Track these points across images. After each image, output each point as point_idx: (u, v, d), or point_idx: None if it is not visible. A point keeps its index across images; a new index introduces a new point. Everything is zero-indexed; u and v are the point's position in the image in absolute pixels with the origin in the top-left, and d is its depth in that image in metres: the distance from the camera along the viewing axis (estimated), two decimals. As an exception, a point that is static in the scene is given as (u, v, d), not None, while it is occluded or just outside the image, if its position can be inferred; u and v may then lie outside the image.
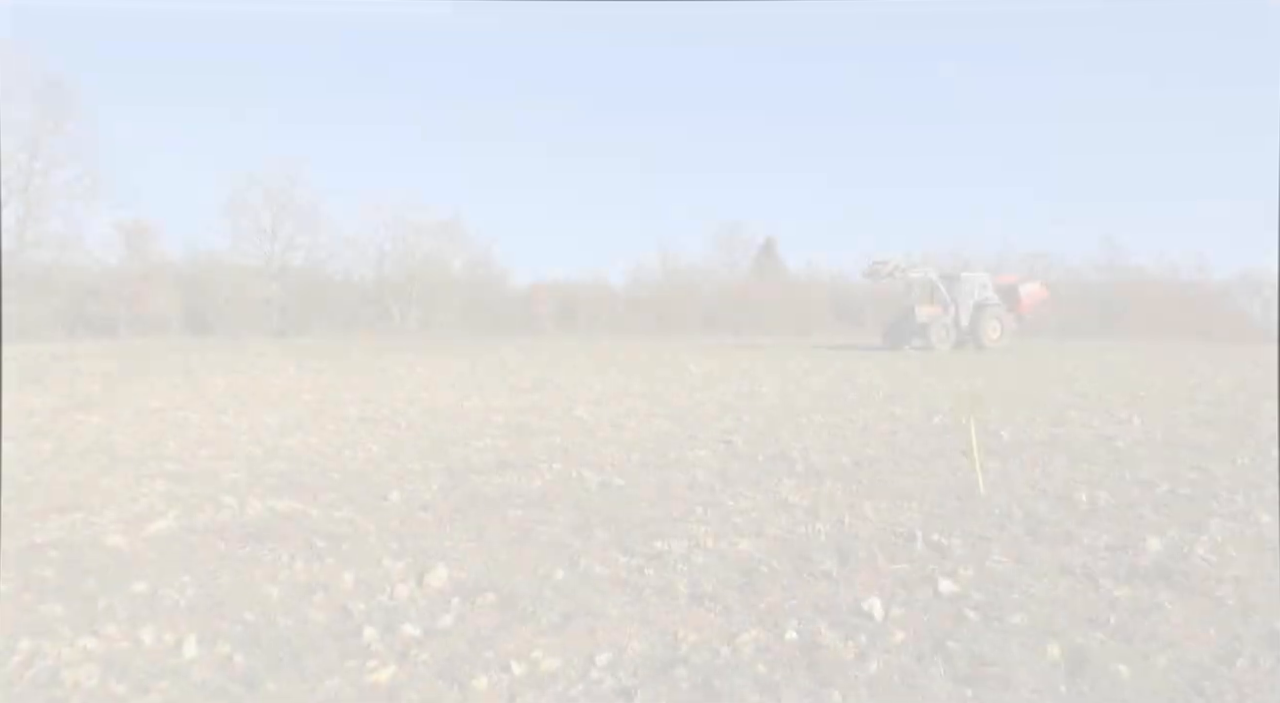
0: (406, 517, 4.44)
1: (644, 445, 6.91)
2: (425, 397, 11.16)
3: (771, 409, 9.57)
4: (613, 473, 5.64)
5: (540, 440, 7.18)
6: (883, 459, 6.14)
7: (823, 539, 3.84)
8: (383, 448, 6.84)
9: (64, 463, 6.08)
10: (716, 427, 8.05)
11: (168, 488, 5.20)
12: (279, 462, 6.18)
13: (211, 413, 9.12)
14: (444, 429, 7.94)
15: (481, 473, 5.69)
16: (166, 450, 6.63)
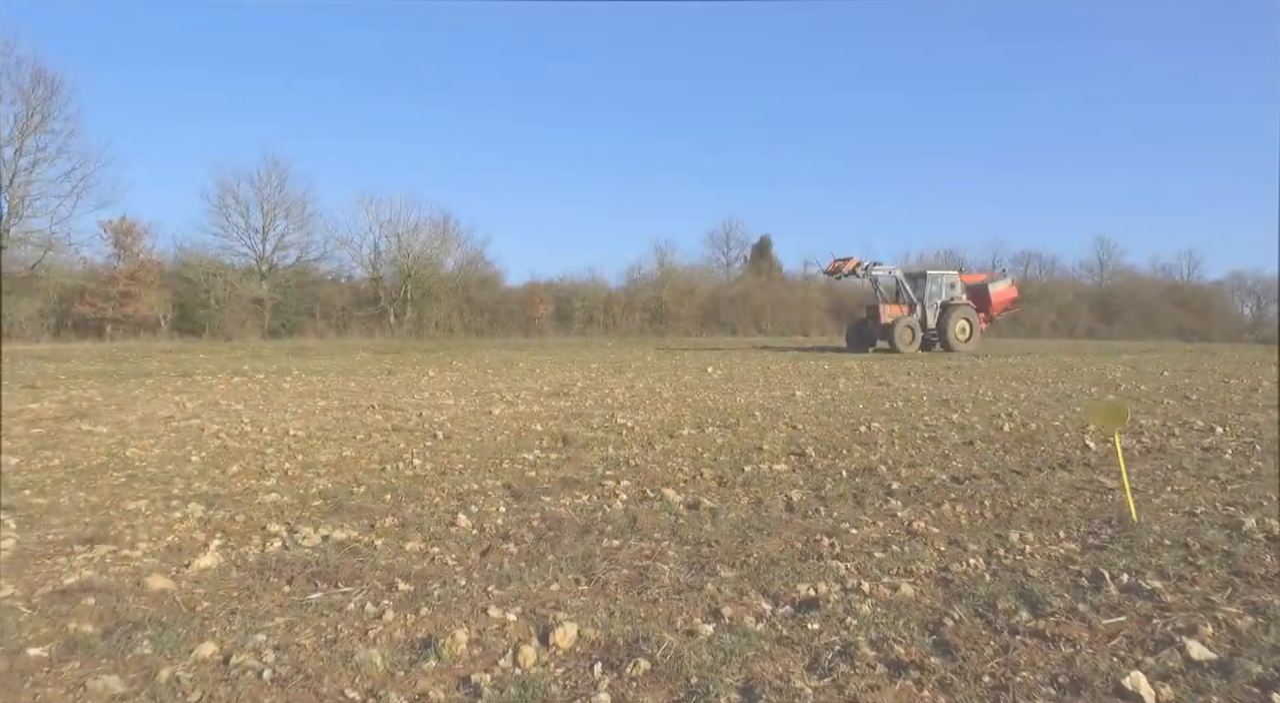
0: (489, 549, 3.87)
1: (710, 459, 6.36)
2: (449, 403, 10.57)
3: (820, 416, 9.04)
4: (693, 492, 5.09)
5: (595, 453, 6.62)
6: (981, 475, 5.61)
7: (989, 579, 3.30)
8: (426, 461, 6.26)
9: (79, 482, 5.47)
10: (775, 437, 7.51)
11: (203, 513, 4.61)
12: (319, 479, 5.59)
13: (228, 421, 8.51)
14: (484, 440, 7.36)
15: (549, 492, 5.13)
16: (190, 467, 6.02)
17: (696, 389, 12.76)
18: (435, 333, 45.68)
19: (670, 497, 4.84)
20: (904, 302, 27.34)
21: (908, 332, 25.96)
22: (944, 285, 27.72)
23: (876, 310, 27.10)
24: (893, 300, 27.74)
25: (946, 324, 26.49)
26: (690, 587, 3.24)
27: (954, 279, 28.31)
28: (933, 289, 27.40)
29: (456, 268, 50.36)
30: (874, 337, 26.81)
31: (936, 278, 27.89)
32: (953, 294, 27.55)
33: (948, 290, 27.63)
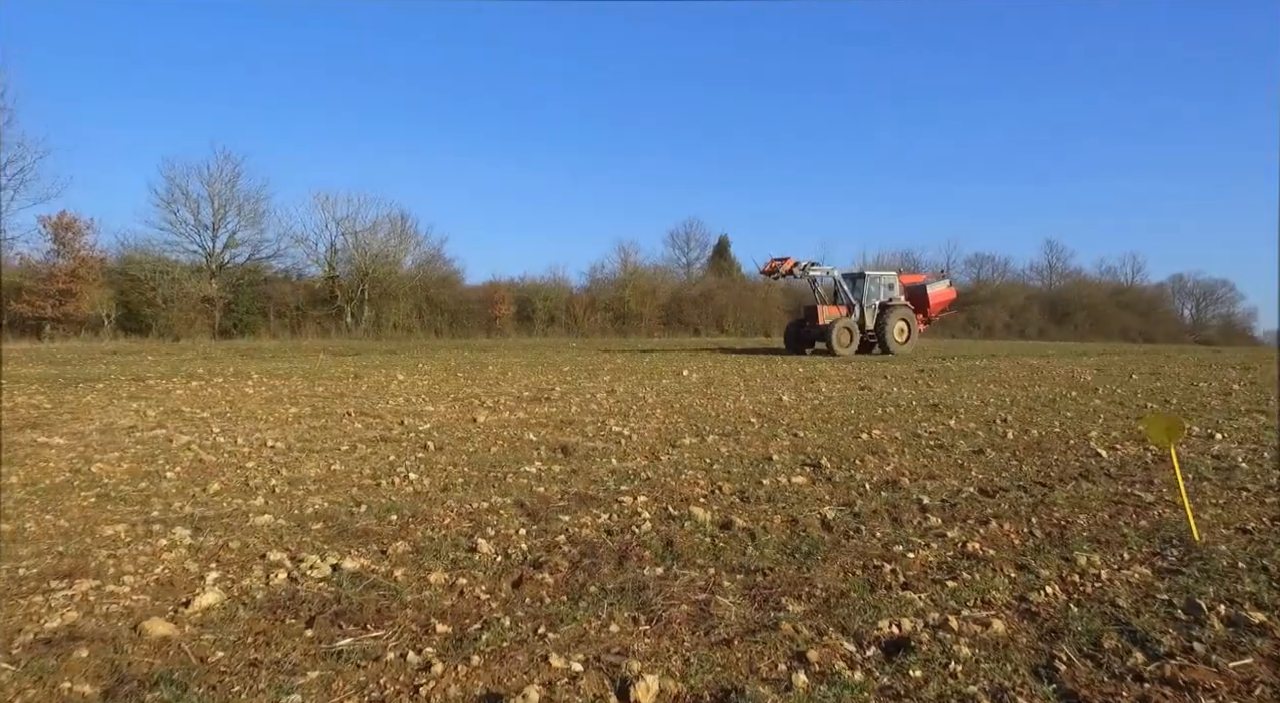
0: (524, 580, 3.54)
1: (723, 470, 6.09)
2: (430, 409, 10.13)
3: (817, 422, 8.85)
4: (719, 508, 4.82)
5: (599, 465, 6.30)
6: (1007, 487, 5.44)
7: (1076, 610, 3.09)
8: (423, 475, 5.87)
9: (43, 503, 4.96)
10: (780, 444, 7.28)
11: (191, 539, 4.18)
12: (312, 497, 5.18)
13: (197, 431, 7.97)
14: (478, 450, 6.99)
15: (566, 510, 4.80)
16: (166, 484, 5.54)
17: (679, 393, 12.50)
18: (393, 333, 44.70)
19: (699, 515, 4.55)
20: (842, 303, 27.17)
21: (845, 333, 25.72)
22: (882, 287, 27.51)
23: (814, 312, 26.75)
24: (831, 302, 27.59)
25: (885, 326, 26.26)
26: (762, 625, 2.96)
27: (892, 280, 28.10)
28: (871, 290, 27.18)
29: (415, 267, 49.43)
30: (812, 338, 26.61)
31: (875, 279, 27.65)
32: (891, 296, 27.37)
33: (886, 292, 27.44)
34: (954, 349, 34.94)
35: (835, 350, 25.14)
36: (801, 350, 26.71)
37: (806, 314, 27.53)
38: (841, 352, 25.15)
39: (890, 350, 26.08)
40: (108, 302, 39.38)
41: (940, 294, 29.01)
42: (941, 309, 30.03)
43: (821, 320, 26.25)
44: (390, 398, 11.59)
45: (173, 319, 40.17)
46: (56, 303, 38.17)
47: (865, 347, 26.72)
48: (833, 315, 26.30)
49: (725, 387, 13.75)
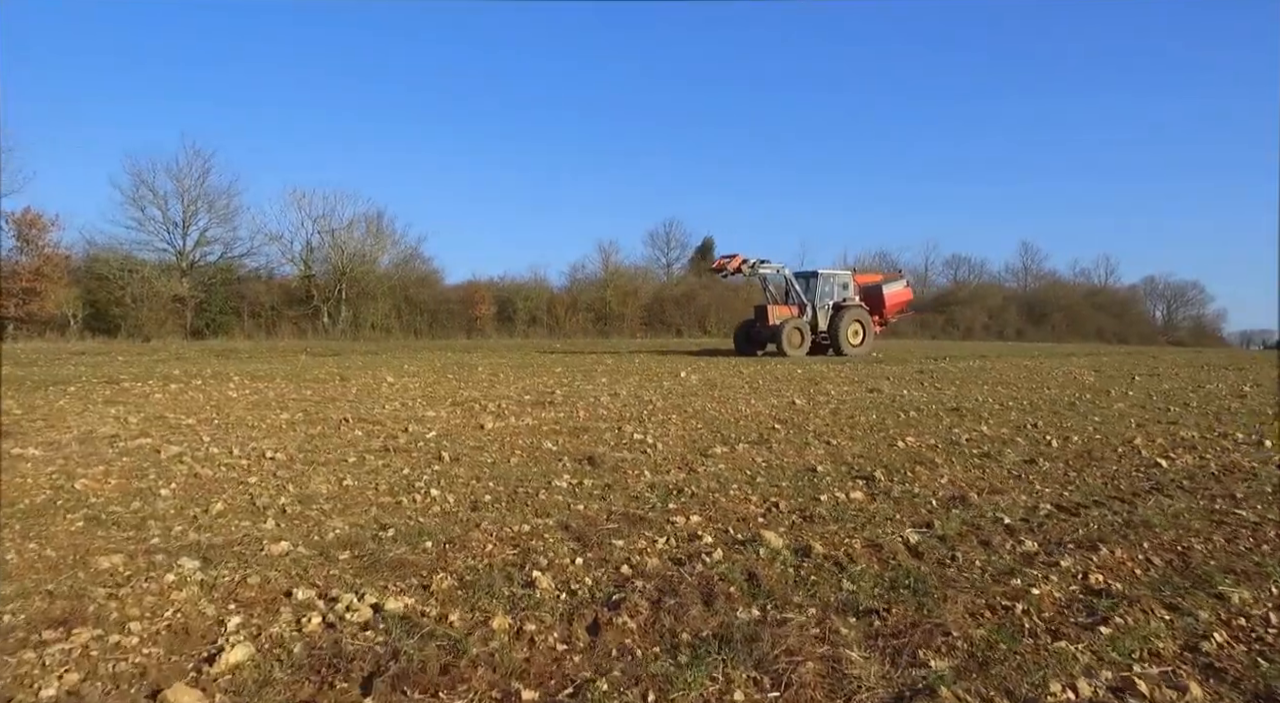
0: (601, 624, 3.06)
1: (770, 485, 5.64)
2: (431, 414, 9.57)
3: (844, 428, 8.44)
4: (789, 532, 4.37)
5: (634, 479, 5.83)
6: (1085, 504, 5.05)
7: (1264, 665, 2.67)
8: (445, 492, 5.36)
9: (25, 528, 4.39)
10: (817, 454, 6.86)
11: (203, 573, 3.65)
12: (330, 519, 4.65)
13: (186, 441, 7.37)
14: (497, 462, 6.48)
15: (619, 535, 4.32)
16: (162, 504, 4.98)
17: (686, 396, 12.05)
18: (372, 334, 43.78)
19: (771, 541, 4.09)
20: (794, 303, 26.11)
21: (796, 334, 24.74)
22: (836, 286, 26.55)
23: (765, 311, 25.63)
24: (783, 301, 26.57)
25: (838, 327, 25.36)
26: (912, 689, 2.51)
27: (847, 279, 27.08)
28: (824, 289, 26.22)
29: (393, 266, 48.49)
30: (763, 339, 25.51)
31: (828, 278, 26.57)
32: (845, 295, 26.48)
33: (840, 291, 26.53)
34: (940, 350, 34.91)
35: (785, 352, 24.08)
36: (752, 352, 25.60)
37: (757, 314, 26.36)
38: (792, 353, 24.10)
39: (844, 352, 25.16)
40: (74, 300, 38.10)
41: (897, 294, 28.02)
42: (898, 310, 29.02)
43: (772, 320, 25.13)
44: (385, 403, 11.01)
45: (142, 319, 38.96)
46: (20, 302, 36.85)
47: (818, 348, 25.78)
48: (783, 315, 25.24)
49: (729, 390, 13.32)
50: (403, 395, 12.15)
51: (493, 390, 13.00)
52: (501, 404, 10.85)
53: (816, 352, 25.40)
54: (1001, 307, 71.58)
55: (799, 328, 24.82)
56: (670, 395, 12.23)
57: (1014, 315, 71.25)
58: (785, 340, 24.23)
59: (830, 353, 25.35)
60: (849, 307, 25.92)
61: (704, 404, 10.89)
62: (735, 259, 24.84)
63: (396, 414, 9.66)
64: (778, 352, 24.35)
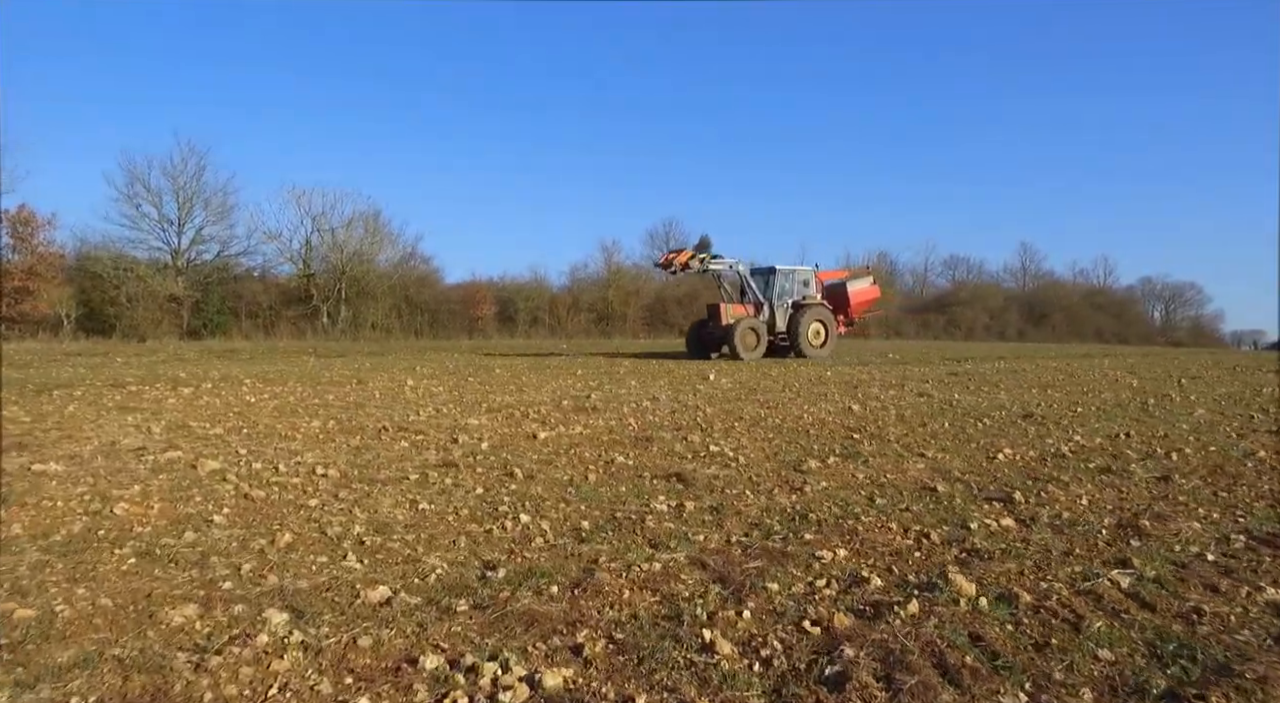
0: (759, 682, 2.43)
1: (895, 508, 5.03)
2: (472, 423, 8.92)
3: (925, 437, 7.86)
4: (960, 571, 3.75)
5: (739, 501, 5.21)
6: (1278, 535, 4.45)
7: None
8: (537, 517, 4.73)
9: (68, 568, 3.73)
10: (920, 469, 6.27)
11: (299, 632, 3.00)
12: (424, 555, 4.00)
13: (222, 454, 6.70)
14: (576, 480, 5.85)
15: (766, 575, 3.70)
16: (219, 535, 4.32)
17: (731, 401, 11.44)
18: (372, 334, 43.02)
19: (961, 586, 3.46)
20: (749, 301, 24.33)
21: (751, 335, 22.97)
22: (796, 283, 24.73)
23: (718, 310, 23.82)
24: (739, 299, 24.81)
25: (798, 327, 23.63)
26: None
27: (808, 276, 25.23)
28: (783, 287, 24.42)
29: (393, 265, 47.69)
30: (715, 340, 23.74)
31: (788, 274, 24.74)
32: (806, 293, 24.75)
33: (800, 288, 24.73)
34: (952, 351, 34.43)
35: (739, 354, 22.42)
36: (706, 354, 24.00)
37: (709, 313, 24.53)
38: (746, 356, 22.43)
39: (804, 354, 23.56)
40: (67, 300, 37.21)
41: (863, 292, 26.18)
42: (864, 309, 27.14)
43: (724, 320, 23.28)
44: (417, 408, 10.35)
45: (138, 318, 38.12)
46: (12, 301, 35.97)
47: (777, 350, 23.97)
48: (738, 314, 23.48)
49: (769, 394, 12.72)
50: (431, 400, 11.50)
51: (523, 395, 12.35)
52: (540, 410, 10.21)
53: (775, 354, 23.75)
54: (1003, 307, 71.27)
55: (753, 328, 23.10)
56: (714, 400, 11.63)
57: (1015, 316, 70.95)
58: (738, 342, 22.49)
59: (791, 355, 23.67)
60: (810, 305, 24.29)
61: (755, 410, 10.28)
62: (683, 254, 23.05)
63: (435, 421, 9.01)
64: (730, 354, 22.75)
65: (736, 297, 24.88)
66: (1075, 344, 57.00)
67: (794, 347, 23.67)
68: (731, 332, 22.62)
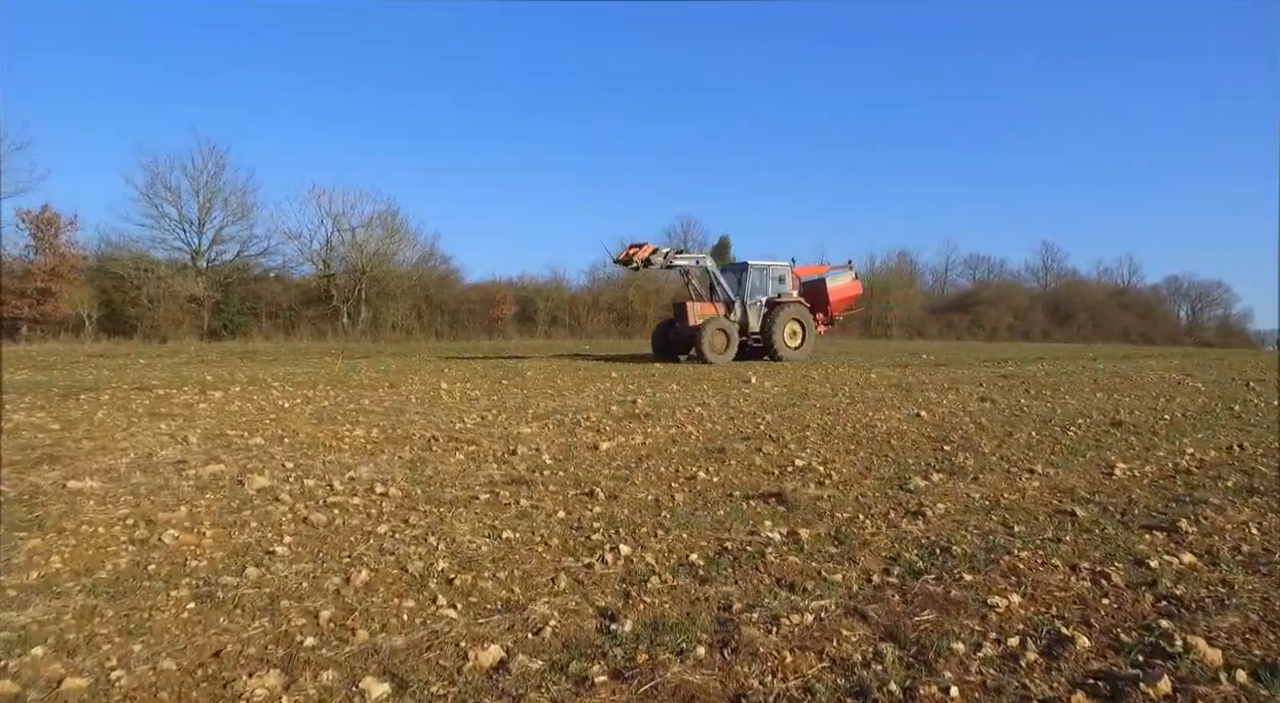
0: None
1: (1043, 539, 4.43)
2: (524, 432, 8.38)
3: (1019, 449, 7.25)
4: (1176, 628, 3.15)
5: (858, 526, 4.62)
6: None
7: None
8: (639, 550, 4.15)
9: (119, 616, 3.20)
10: (1040, 488, 5.65)
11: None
12: (524, 598, 3.44)
13: (268, 468, 6.17)
14: (663, 501, 5.28)
15: (945, 631, 3.10)
16: (284, 570, 3.77)
17: (786, 406, 10.85)
18: (392, 334, 42.62)
19: (1205, 653, 2.84)
20: (719, 299, 22.68)
21: (719, 336, 21.22)
22: (770, 279, 22.96)
23: (685, 309, 22.17)
24: (708, 297, 23.09)
25: (773, 327, 21.96)
26: None
27: (784, 272, 23.36)
28: (756, 284, 22.69)
29: (412, 266, 47.23)
30: (684, 342, 21.99)
31: (761, 270, 22.97)
32: (782, 290, 22.99)
33: (775, 286, 22.97)
34: (982, 352, 33.62)
35: (706, 357, 20.76)
36: (674, 357, 22.46)
37: (676, 312, 22.94)
38: (715, 358, 20.83)
39: (780, 356, 21.99)
40: (89, 301, 37.01)
41: (843, 289, 24.42)
42: (845, 307, 25.43)
43: (691, 320, 21.60)
44: (460, 415, 9.82)
45: (158, 319, 37.89)
46: (34, 302, 35.79)
47: (749, 352, 22.30)
48: (706, 314, 21.83)
49: (822, 398, 12.11)
50: (472, 405, 10.97)
51: (564, 400, 11.80)
52: (590, 417, 9.66)
53: (747, 356, 22.16)
54: (1027, 307, 70.12)
55: (723, 329, 21.35)
56: (767, 405, 11.04)
57: (1039, 316, 69.79)
58: (705, 343, 20.78)
59: (765, 358, 22.16)
60: (786, 303, 22.53)
61: (818, 417, 9.68)
62: (644, 249, 21.14)
63: (485, 430, 8.47)
64: (696, 357, 21.10)
65: (706, 294, 23.31)
66: (1102, 345, 55.93)
67: (768, 348, 22.18)
68: (699, 333, 20.96)
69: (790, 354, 22.24)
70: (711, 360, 20.69)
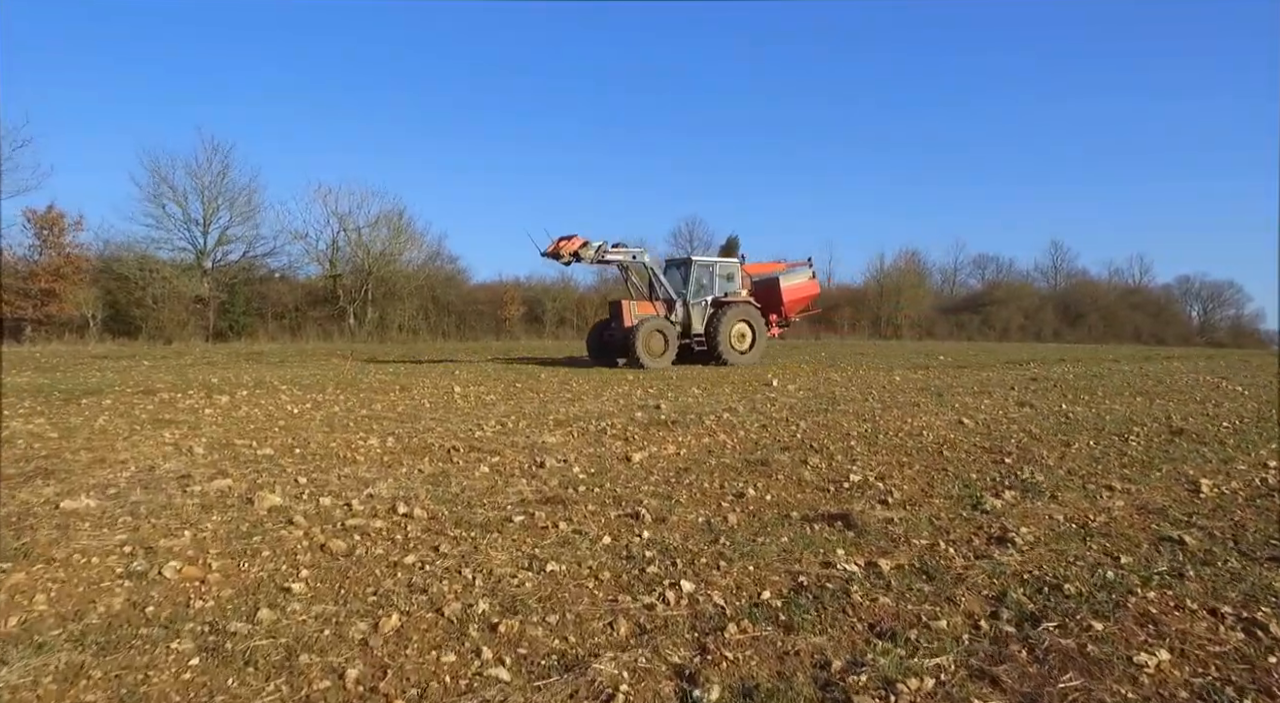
0: None
1: (1153, 573, 3.92)
2: (549, 441, 7.88)
3: (1086, 461, 6.74)
4: None
5: (942, 556, 4.11)
6: None
7: None
8: (705, 586, 3.66)
9: (112, 668, 2.70)
10: (1119, 507, 5.14)
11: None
12: (586, 653, 2.93)
13: (279, 484, 5.68)
14: (715, 523, 4.77)
15: (1084, 694, 2.59)
16: (304, 612, 3.27)
17: (818, 412, 10.33)
18: (399, 335, 42.16)
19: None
20: (659, 298, 20.85)
21: (657, 337, 19.39)
22: (717, 277, 21.23)
23: (620, 308, 20.14)
24: (648, 295, 21.19)
25: (718, 328, 20.17)
26: None
27: (732, 269, 21.62)
28: (701, 282, 20.95)
29: (418, 266, 46.74)
30: (619, 344, 19.90)
31: (706, 268, 21.25)
32: (729, 289, 21.27)
33: (723, 284, 21.24)
34: (999, 353, 33.04)
35: (640, 361, 18.89)
36: (610, 360, 20.45)
37: (611, 312, 20.88)
38: (650, 362, 18.98)
39: (726, 360, 20.19)
40: (93, 301, 36.62)
41: (798, 288, 22.57)
42: (801, 307, 23.40)
43: (628, 320, 19.63)
44: (478, 421, 9.32)
45: (163, 320, 37.48)
46: (38, 303, 35.42)
47: (692, 355, 20.47)
48: (643, 313, 19.91)
49: (852, 403, 11.58)
50: (488, 410, 10.48)
51: (583, 405, 11.30)
52: (614, 424, 9.16)
53: (689, 359, 20.42)
54: (1038, 307, 69.40)
55: (660, 330, 19.51)
56: (798, 411, 10.53)
57: (1050, 316, 69.06)
58: (640, 346, 18.90)
59: (713, 363, 20.30)
60: (734, 303, 20.86)
61: (857, 425, 9.16)
62: (573, 241, 19.08)
63: (507, 439, 7.97)
64: (632, 361, 19.24)
65: (646, 292, 21.38)
66: (1115, 345, 55.27)
67: (712, 351, 20.38)
68: (632, 334, 19.03)
69: (737, 358, 20.54)
70: (646, 365, 18.94)
